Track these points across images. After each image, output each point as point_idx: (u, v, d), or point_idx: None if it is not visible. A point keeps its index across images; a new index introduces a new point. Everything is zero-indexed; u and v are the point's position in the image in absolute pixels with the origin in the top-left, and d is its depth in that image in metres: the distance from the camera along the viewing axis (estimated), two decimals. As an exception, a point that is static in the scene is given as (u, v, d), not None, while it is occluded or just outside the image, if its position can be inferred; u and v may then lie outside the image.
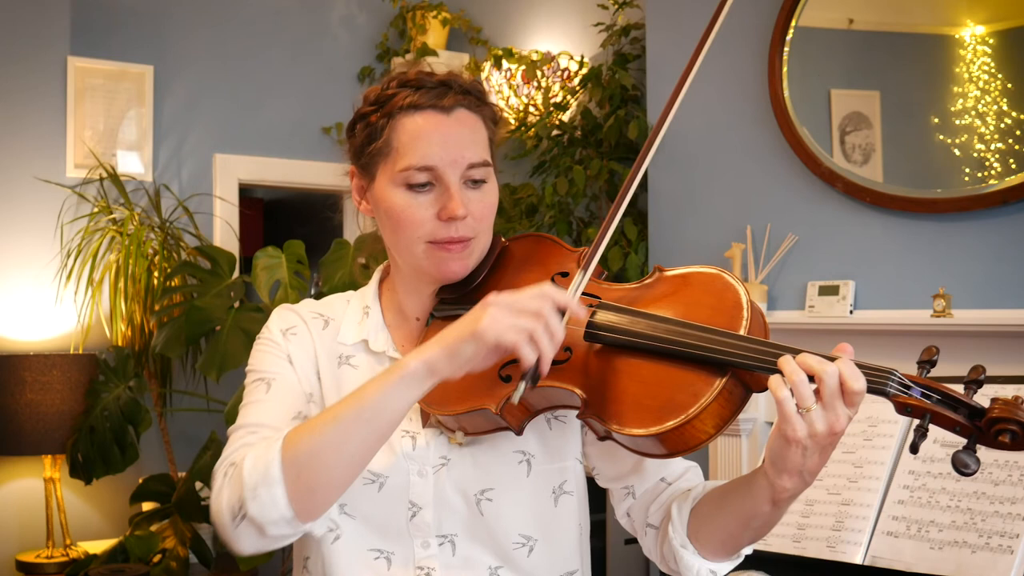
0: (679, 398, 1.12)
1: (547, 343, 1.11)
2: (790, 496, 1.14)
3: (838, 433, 1.07)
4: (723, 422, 1.13)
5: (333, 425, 1.14)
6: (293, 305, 1.43)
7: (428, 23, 4.48)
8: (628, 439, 1.15)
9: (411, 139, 1.28)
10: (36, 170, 3.91)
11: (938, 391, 1.08)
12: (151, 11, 4.27)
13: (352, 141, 1.35)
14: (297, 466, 1.13)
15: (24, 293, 3.85)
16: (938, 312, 2.59)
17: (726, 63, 3.24)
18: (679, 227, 3.38)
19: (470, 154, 1.29)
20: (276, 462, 1.13)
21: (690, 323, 1.16)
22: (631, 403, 1.15)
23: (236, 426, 1.28)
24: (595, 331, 1.20)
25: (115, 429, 3.65)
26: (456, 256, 1.30)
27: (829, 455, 1.11)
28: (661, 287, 1.26)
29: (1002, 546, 1.70)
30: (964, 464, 1.05)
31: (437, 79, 1.31)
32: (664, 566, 1.35)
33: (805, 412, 1.06)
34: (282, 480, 1.13)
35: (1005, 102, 2.61)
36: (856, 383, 1.06)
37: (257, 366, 1.34)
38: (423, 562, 1.28)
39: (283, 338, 1.36)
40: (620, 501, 1.39)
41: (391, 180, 1.29)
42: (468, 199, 1.29)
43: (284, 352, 1.35)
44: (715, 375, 1.12)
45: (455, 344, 1.11)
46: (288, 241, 3.67)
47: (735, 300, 1.18)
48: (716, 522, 1.25)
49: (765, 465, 1.14)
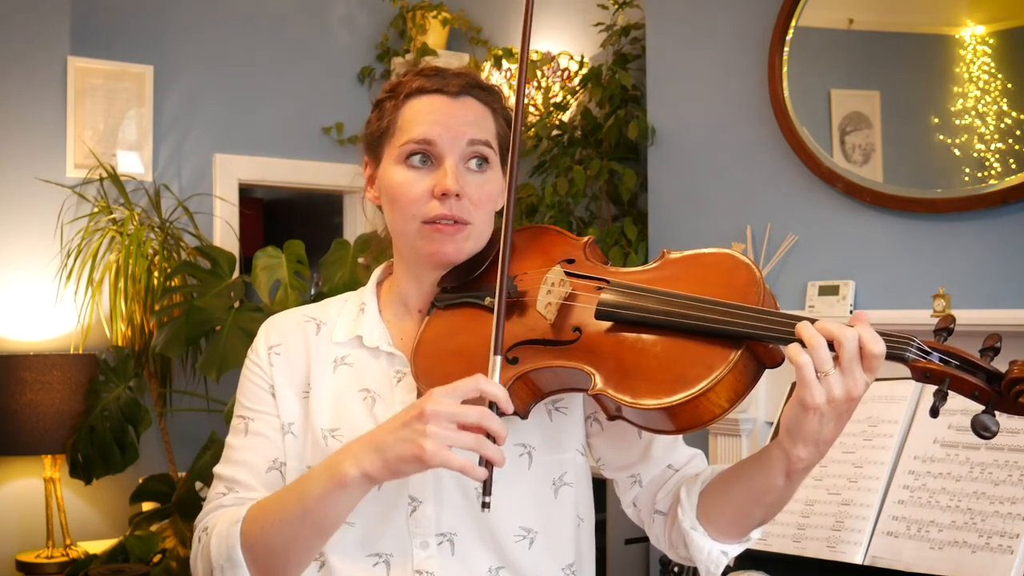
0: (693, 371, 1.11)
1: (495, 452, 1.11)
2: (804, 467, 1.15)
3: (855, 399, 1.08)
4: (737, 397, 1.12)
5: (281, 525, 1.20)
6: (284, 313, 1.44)
7: (428, 23, 4.48)
8: (639, 414, 1.14)
9: (414, 115, 1.30)
10: (36, 170, 3.91)
11: (956, 356, 1.09)
12: (151, 11, 4.26)
13: (367, 130, 1.38)
14: (254, 553, 1.22)
15: (24, 293, 3.85)
16: (938, 312, 2.59)
17: (726, 63, 3.24)
18: (679, 227, 3.38)
19: (472, 131, 1.30)
20: (236, 547, 1.22)
21: (702, 297, 1.15)
22: (644, 377, 1.14)
23: (217, 472, 1.36)
24: (606, 308, 1.20)
25: (115, 429, 3.65)
26: (448, 237, 1.29)
27: (844, 424, 1.11)
28: (670, 268, 1.25)
29: (1002, 546, 1.70)
30: (984, 427, 1.05)
31: (454, 71, 1.34)
32: (673, 552, 1.35)
33: (823, 376, 1.07)
34: (243, 562, 1.22)
35: (1005, 102, 2.61)
36: (876, 346, 1.07)
37: (241, 398, 1.39)
38: (421, 564, 1.28)
39: (268, 359, 1.37)
40: (626, 490, 1.39)
41: (393, 158, 1.31)
42: (465, 181, 1.29)
43: (267, 380, 1.37)
44: (730, 348, 1.11)
45: (395, 463, 1.13)
46: (288, 241, 3.67)
47: (748, 277, 1.18)
48: (727, 500, 1.25)
49: (780, 435, 1.15)
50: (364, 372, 1.35)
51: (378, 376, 1.35)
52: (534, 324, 1.24)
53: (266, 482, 1.32)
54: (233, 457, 1.35)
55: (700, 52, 3.32)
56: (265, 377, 1.37)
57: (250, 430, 1.35)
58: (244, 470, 1.33)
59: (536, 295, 1.27)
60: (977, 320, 2.54)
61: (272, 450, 1.34)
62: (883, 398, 2.06)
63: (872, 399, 2.07)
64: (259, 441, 1.34)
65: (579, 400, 1.36)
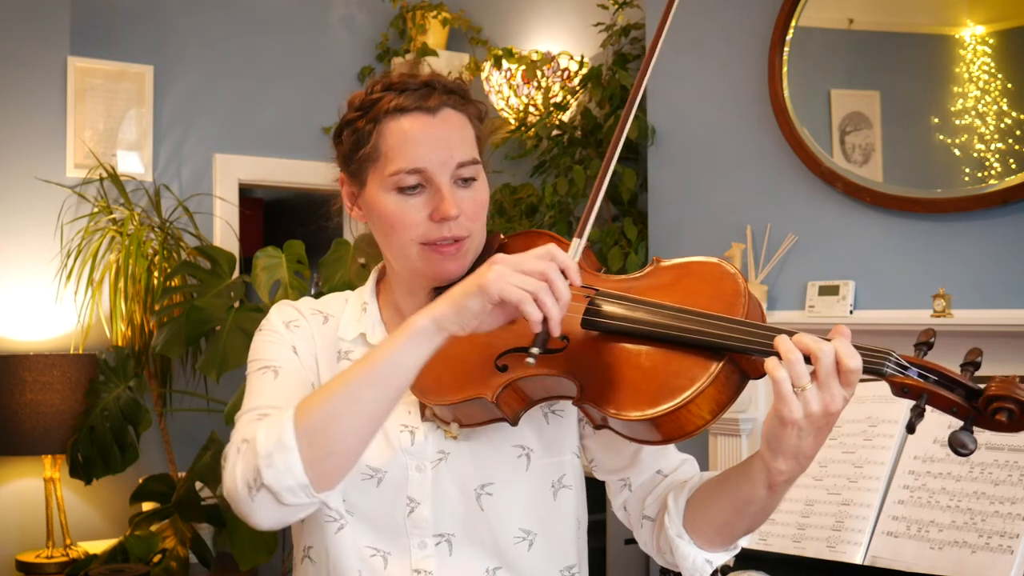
0: (675, 382, 1.12)
1: (552, 304, 1.11)
2: (786, 480, 1.15)
3: (833, 414, 1.08)
4: (719, 408, 1.13)
5: (343, 389, 1.14)
6: (292, 301, 1.43)
7: (428, 23, 4.48)
8: (624, 425, 1.15)
9: (399, 143, 1.28)
10: (36, 170, 3.91)
11: (935, 371, 1.08)
12: (151, 11, 4.26)
13: (340, 148, 1.35)
14: (310, 432, 1.13)
15: (24, 293, 3.85)
16: (938, 312, 2.59)
17: (726, 63, 3.24)
18: (679, 227, 3.38)
19: (459, 153, 1.29)
20: (289, 429, 1.13)
21: (686, 308, 1.16)
22: (627, 388, 1.15)
23: (243, 411, 1.26)
24: (592, 318, 1.21)
25: (115, 429, 3.65)
26: (450, 257, 1.30)
27: (824, 438, 1.11)
28: (659, 277, 1.26)
29: (1002, 546, 1.70)
30: (962, 444, 1.04)
31: (420, 80, 1.31)
32: (660, 558, 1.35)
33: (800, 391, 1.07)
34: (296, 447, 1.12)
35: (1005, 102, 2.61)
36: (852, 361, 1.06)
37: (262, 355, 1.33)
38: (420, 563, 1.28)
39: (286, 329, 1.36)
40: (616, 494, 1.40)
41: (381, 185, 1.29)
42: (459, 198, 1.29)
43: (288, 342, 1.35)
44: (711, 359, 1.12)
45: (461, 299, 1.12)
46: (288, 241, 3.67)
47: (733, 288, 1.19)
48: (713, 510, 1.26)
49: (761, 448, 1.15)
50: None
51: None
52: (523, 331, 1.25)
53: None
54: (263, 393, 1.28)
55: (700, 52, 3.32)
56: (286, 340, 1.35)
57: (280, 375, 1.30)
58: (279, 399, 1.25)
59: None
60: (977, 320, 2.54)
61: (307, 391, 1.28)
62: (883, 398, 2.06)
63: (872, 399, 2.07)
64: (292, 382, 1.29)
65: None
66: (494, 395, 1.20)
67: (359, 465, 1.28)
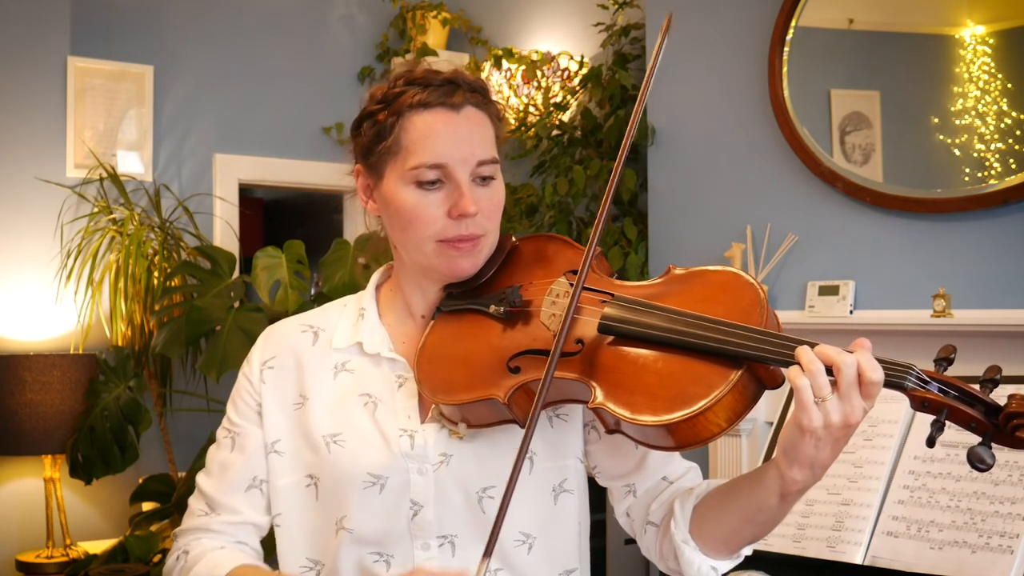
0: (693, 389, 1.11)
1: None
2: (799, 489, 1.15)
3: (852, 425, 1.08)
4: (735, 416, 1.13)
5: None
6: (283, 323, 1.44)
7: (428, 23, 4.48)
8: (637, 429, 1.15)
9: (421, 137, 1.27)
10: (36, 170, 3.91)
11: (956, 387, 1.08)
12: (151, 11, 4.26)
13: (358, 139, 1.35)
14: None
15: (24, 293, 3.85)
16: (938, 312, 2.59)
17: (726, 63, 3.24)
18: (679, 227, 3.38)
19: (480, 151, 1.29)
20: None
21: (705, 316, 1.15)
22: (643, 393, 1.14)
23: (200, 484, 1.41)
24: (609, 322, 1.20)
25: (115, 429, 3.65)
26: (466, 254, 1.30)
27: (841, 449, 1.11)
28: (674, 284, 1.25)
29: (1002, 546, 1.70)
30: (981, 459, 1.05)
31: (444, 77, 1.31)
32: (663, 564, 1.35)
33: (821, 402, 1.07)
34: None
35: (1005, 102, 2.61)
36: (874, 374, 1.07)
37: (230, 409, 1.42)
38: (422, 564, 1.28)
39: (260, 375, 1.40)
40: (620, 500, 1.39)
41: (400, 178, 1.29)
42: (478, 196, 1.29)
43: (256, 398, 1.39)
44: (730, 368, 1.12)
45: None
46: (288, 241, 3.67)
47: (752, 298, 1.18)
48: (721, 517, 1.25)
49: (777, 456, 1.15)
50: (365, 378, 1.35)
51: (379, 382, 1.35)
52: (537, 334, 1.24)
53: (246, 500, 1.37)
54: (216, 471, 1.40)
55: (700, 52, 3.32)
56: (254, 395, 1.39)
57: (236, 445, 1.39)
58: (225, 490, 1.38)
59: (540, 305, 1.27)
60: (977, 320, 2.54)
61: (253, 468, 1.38)
62: (883, 398, 2.05)
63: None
64: (242, 461, 1.38)
65: (579, 408, 1.35)
66: (506, 396, 1.20)
67: (360, 474, 1.29)
